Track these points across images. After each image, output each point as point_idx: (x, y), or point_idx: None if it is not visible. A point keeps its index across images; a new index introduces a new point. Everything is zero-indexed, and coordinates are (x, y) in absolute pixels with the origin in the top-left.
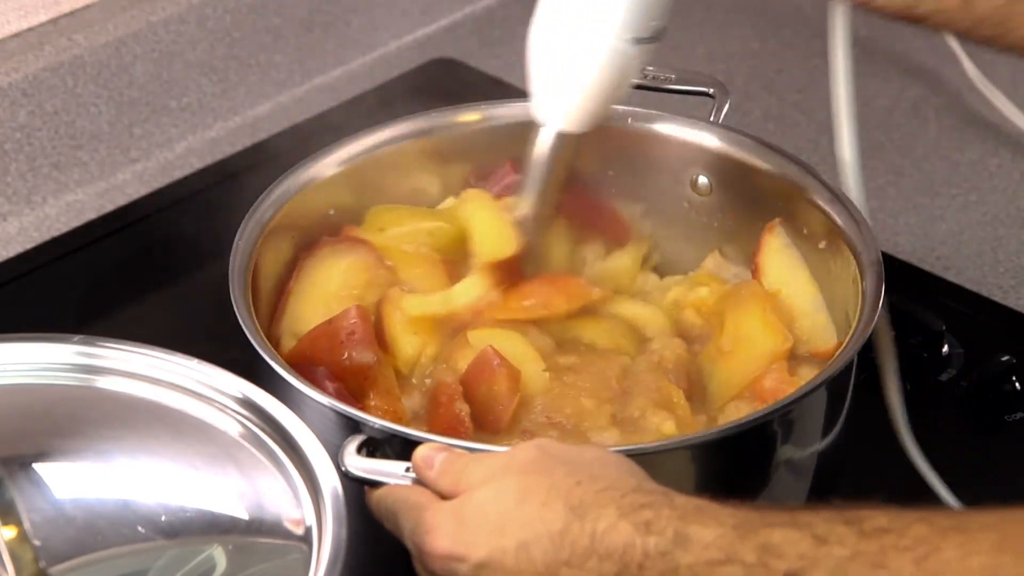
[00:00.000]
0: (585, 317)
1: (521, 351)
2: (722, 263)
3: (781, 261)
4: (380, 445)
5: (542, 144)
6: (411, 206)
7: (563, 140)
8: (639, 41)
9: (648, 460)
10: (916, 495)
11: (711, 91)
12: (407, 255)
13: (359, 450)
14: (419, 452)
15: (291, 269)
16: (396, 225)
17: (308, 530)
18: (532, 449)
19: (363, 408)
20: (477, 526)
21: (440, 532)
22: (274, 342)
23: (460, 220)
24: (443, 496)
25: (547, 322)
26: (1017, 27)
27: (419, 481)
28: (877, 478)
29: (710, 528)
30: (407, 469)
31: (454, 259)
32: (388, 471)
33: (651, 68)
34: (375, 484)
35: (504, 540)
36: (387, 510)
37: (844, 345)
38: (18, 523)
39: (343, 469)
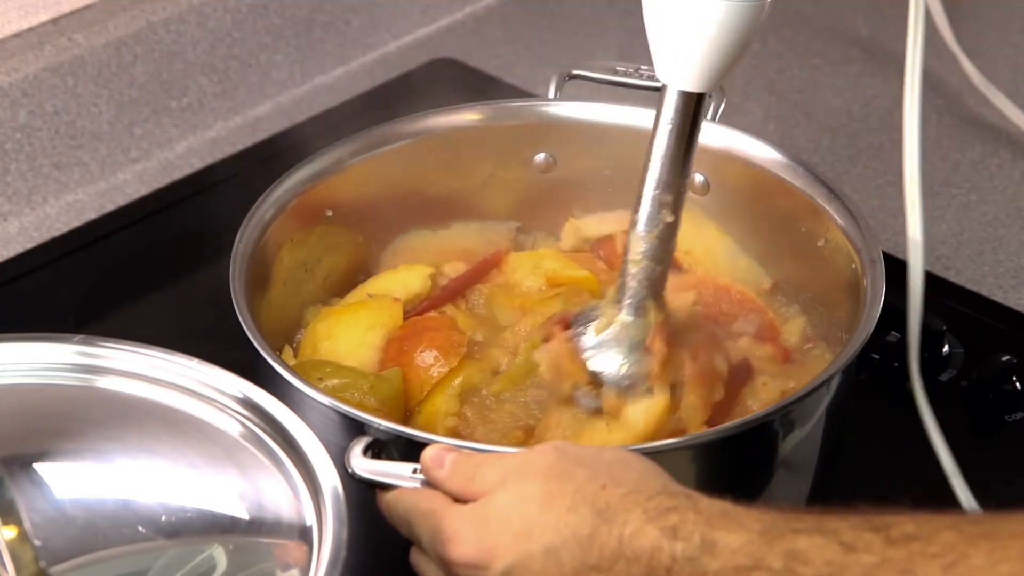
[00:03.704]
0: None
1: None
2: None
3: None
4: (385, 446)
5: (668, 106)
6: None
7: (688, 101)
8: None
9: None
10: (919, 496)
11: None
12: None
13: (365, 451)
14: (428, 452)
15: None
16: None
17: (308, 530)
18: (549, 452)
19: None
20: (500, 531)
21: (461, 539)
22: None
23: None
24: (454, 498)
25: None
26: None
27: (427, 483)
28: (878, 478)
29: (736, 534)
30: (415, 470)
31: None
32: (395, 472)
33: (647, 68)
34: (382, 486)
35: (530, 545)
36: (399, 516)
37: (846, 345)
38: (18, 523)
39: (349, 471)
